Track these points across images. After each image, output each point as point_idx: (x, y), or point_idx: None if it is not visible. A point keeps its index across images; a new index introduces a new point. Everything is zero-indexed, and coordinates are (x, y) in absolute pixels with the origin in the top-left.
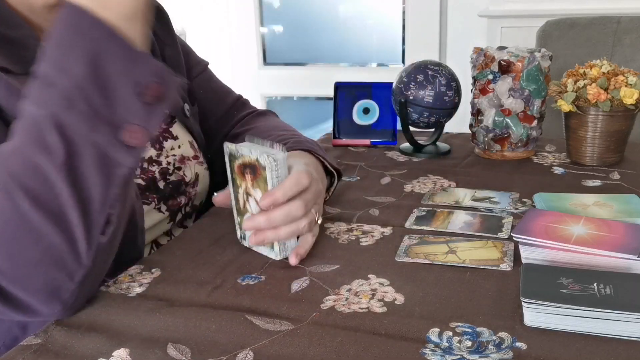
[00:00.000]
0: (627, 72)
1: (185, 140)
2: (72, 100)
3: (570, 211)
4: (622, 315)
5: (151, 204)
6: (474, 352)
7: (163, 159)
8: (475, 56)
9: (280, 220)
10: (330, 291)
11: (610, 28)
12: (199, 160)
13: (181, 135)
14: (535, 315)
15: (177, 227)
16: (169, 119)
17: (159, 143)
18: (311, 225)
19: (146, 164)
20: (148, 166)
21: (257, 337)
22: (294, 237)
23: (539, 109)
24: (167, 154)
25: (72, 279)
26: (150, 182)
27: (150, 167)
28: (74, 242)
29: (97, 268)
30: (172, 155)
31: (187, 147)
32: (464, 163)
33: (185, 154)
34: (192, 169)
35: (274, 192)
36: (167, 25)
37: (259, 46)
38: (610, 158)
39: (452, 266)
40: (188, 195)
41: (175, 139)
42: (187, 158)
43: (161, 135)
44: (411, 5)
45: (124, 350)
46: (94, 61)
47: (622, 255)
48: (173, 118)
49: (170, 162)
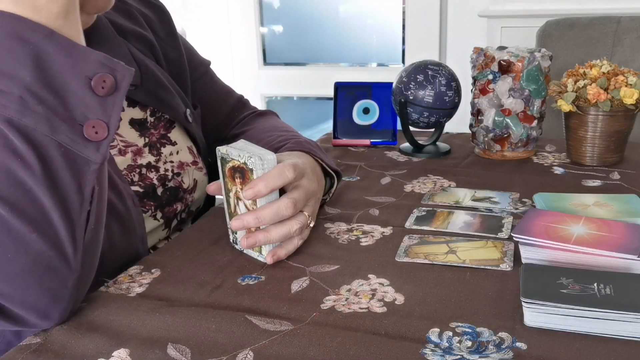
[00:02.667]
0: (627, 72)
1: (184, 145)
2: (25, 104)
3: (570, 211)
4: (622, 315)
5: (148, 211)
6: (474, 352)
7: (161, 165)
8: (475, 56)
9: (269, 218)
10: (330, 291)
11: (610, 28)
12: (198, 166)
13: (180, 141)
14: (535, 315)
15: (174, 232)
16: (168, 124)
17: (156, 149)
18: (302, 229)
19: (145, 171)
20: (147, 172)
21: (257, 337)
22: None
23: (539, 109)
24: (165, 160)
25: (66, 285)
26: (150, 189)
27: (148, 174)
28: (60, 246)
29: (84, 271)
30: (170, 162)
31: (186, 152)
32: (464, 163)
33: (184, 160)
34: (191, 175)
35: (256, 182)
36: (169, 26)
37: (259, 46)
38: (610, 158)
39: (452, 266)
40: (185, 201)
41: (173, 144)
42: (186, 164)
43: (159, 142)
44: (411, 5)
45: (124, 350)
46: (38, 63)
47: (622, 255)
48: (172, 123)
49: (169, 168)
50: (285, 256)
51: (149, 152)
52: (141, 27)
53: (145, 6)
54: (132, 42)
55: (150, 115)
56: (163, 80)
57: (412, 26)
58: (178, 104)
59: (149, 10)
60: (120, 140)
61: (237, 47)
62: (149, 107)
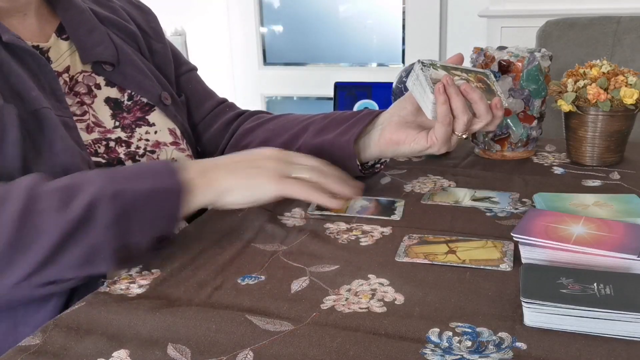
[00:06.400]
0: (627, 72)
1: (164, 127)
2: (116, 199)
3: (570, 211)
4: (622, 315)
5: None
6: (474, 352)
7: (134, 142)
8: (475, 56)
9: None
10: (330, 291)
11: (610, 28)
12: (180, 147)
13: (159, 123)
14: (535, 315)
15: None
16: (146, 107)
17: (130, 129)
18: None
19: (113, 144)
20: (115, 146)
21: (257, 337)
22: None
23: (539, 109)
24: (139, 137)
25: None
26: (115, 163)
27: (117, 148)
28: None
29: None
30: (144, 140)
31: (166, 133)
32: (464, 163)
33: (162, 140)
34: (169, 154)
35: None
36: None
37: (259, 46)
38: (610, 158)
39: (452, 266)
40: None
41: (151, 125)
42: (164, 144)
43: (133, 124)
44: (411, 5)
45: (124, 351)
46: (146, 203)
47: (622, 255)
48: (152, 107)
49: (142, 146)
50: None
51: (121, 131)
52: (124, 20)
53: (131, 6)
54: (112, 30)
55: (127, 100)
56: (140, 64)
57: (412, 26)
58: (154, 87)
59: (134, 9)
60: (92, 114)
61: (237, 47)
62: (126, 91)
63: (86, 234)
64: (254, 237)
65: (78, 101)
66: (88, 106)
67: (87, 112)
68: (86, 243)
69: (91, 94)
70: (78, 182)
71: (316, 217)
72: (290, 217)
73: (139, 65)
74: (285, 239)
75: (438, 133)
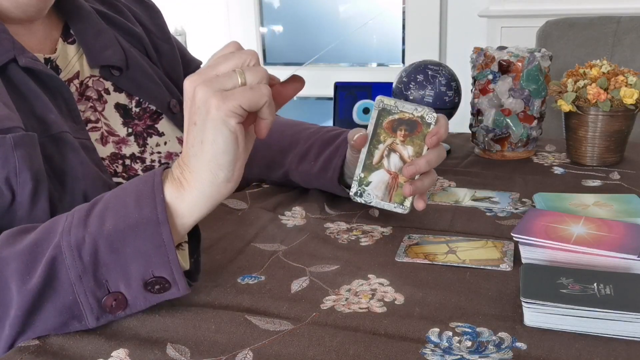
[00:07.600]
0: (627, 72)
1: (172, 136)
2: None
3: (570, 211)
4: (622, 315)
5: None
6: (474, 352)
7: (147, 156)
8: (475, 56)
9: (435, 162)
10: (330, 291)
11: (610, 28)
12: None
13: (168, 132)
14: (535, 315)
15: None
16: (154, 115)
17: (142, 139)
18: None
19: (129, 162)
20: (131, 163)
21: (256, 337)
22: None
23: (539, 109)
24: (151, 151)
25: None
26: None
27: (133, 165)
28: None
29: None
30: (157, 152)
31: (175, 143)
32: (464, 163)
33: (172, 150)
34: None
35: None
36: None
37: (259, 46)
38: (610, 158)
39: (452, 266)
40: None
41: (160, 135)
42: (175, 154)
43: (145, 132)
44: (411, 5)
45: (123, 350)
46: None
47: (622, 255)
48: (160, 115)
49: (155, 159)
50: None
51: (134, 142)
52: (130, 22)
53: (134, 3)
54: (119, 32)
55: (135, 106)
56: (149, 70)
57: (412, 26)
58: (163, 94)
59: (137, 6)
60: (104, 123)
61: None
62: (134, 97)
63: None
64: (254, 237)
65: (91, 106)
66: (100, 113)
67: (100, 120)
68: (60, 303)
69: (101, 99)
70: (43, 237)
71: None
72: (291, 217)
73: (147, 71)
74: (285, 239)
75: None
